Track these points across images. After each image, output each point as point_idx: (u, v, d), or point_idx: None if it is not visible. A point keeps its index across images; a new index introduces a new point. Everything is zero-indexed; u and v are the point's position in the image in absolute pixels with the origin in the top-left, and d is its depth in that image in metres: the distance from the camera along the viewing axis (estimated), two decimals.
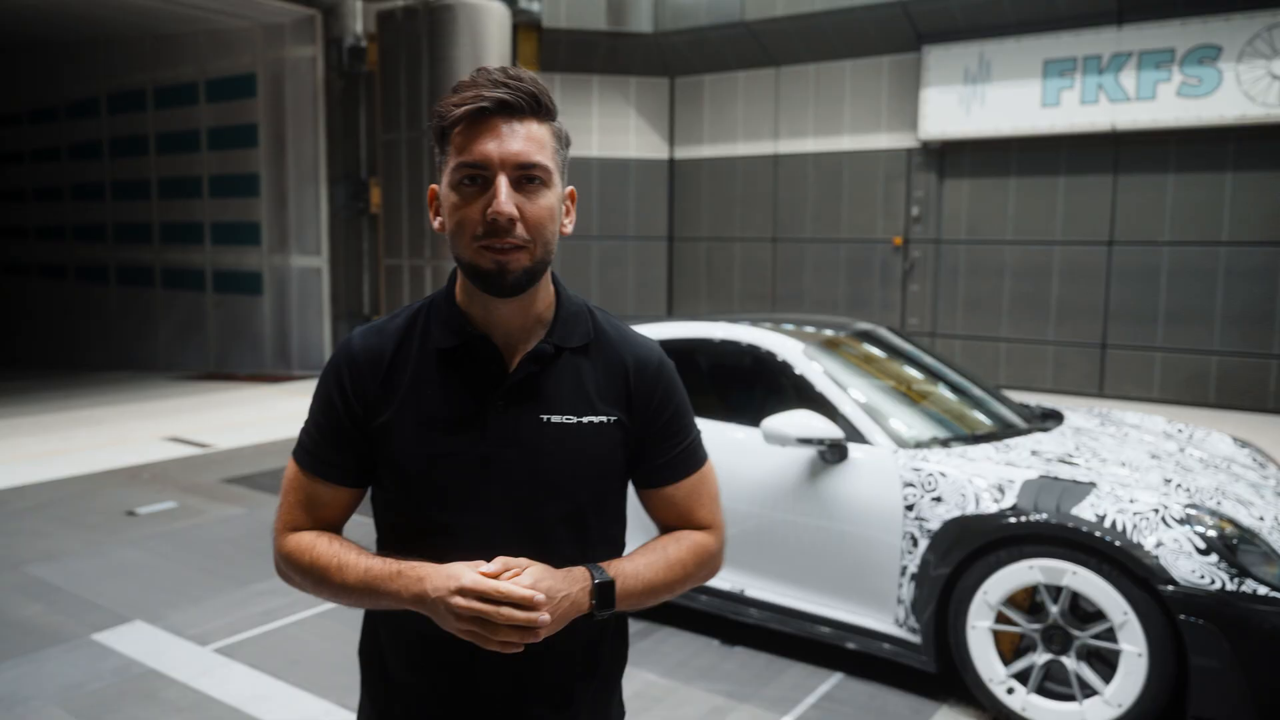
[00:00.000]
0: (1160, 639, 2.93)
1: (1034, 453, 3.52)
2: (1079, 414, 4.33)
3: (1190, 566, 2.90)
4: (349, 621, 4.06)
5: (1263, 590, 2.86)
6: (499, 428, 1.31)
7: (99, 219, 13.41)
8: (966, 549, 3.23)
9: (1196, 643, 2.87)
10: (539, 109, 1.28)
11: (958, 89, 10.12)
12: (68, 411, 9.27)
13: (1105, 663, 3.08)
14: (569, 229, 1.35)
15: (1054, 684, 3.18)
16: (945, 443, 3.65)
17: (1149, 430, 4.12)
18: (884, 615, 3.49)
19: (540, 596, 1.20)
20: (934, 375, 4.40)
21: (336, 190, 10.77)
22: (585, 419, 1.35)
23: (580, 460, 1.35)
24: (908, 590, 3.40)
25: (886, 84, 10.74)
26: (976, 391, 4.36)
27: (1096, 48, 9.29)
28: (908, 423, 3.76)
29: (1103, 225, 9.62)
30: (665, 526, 1.47)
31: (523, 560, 1.25)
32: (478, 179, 1.25)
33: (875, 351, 4.42)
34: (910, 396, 4.14)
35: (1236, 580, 2.87)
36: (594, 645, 1.40)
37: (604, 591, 1.30)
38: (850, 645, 3.58)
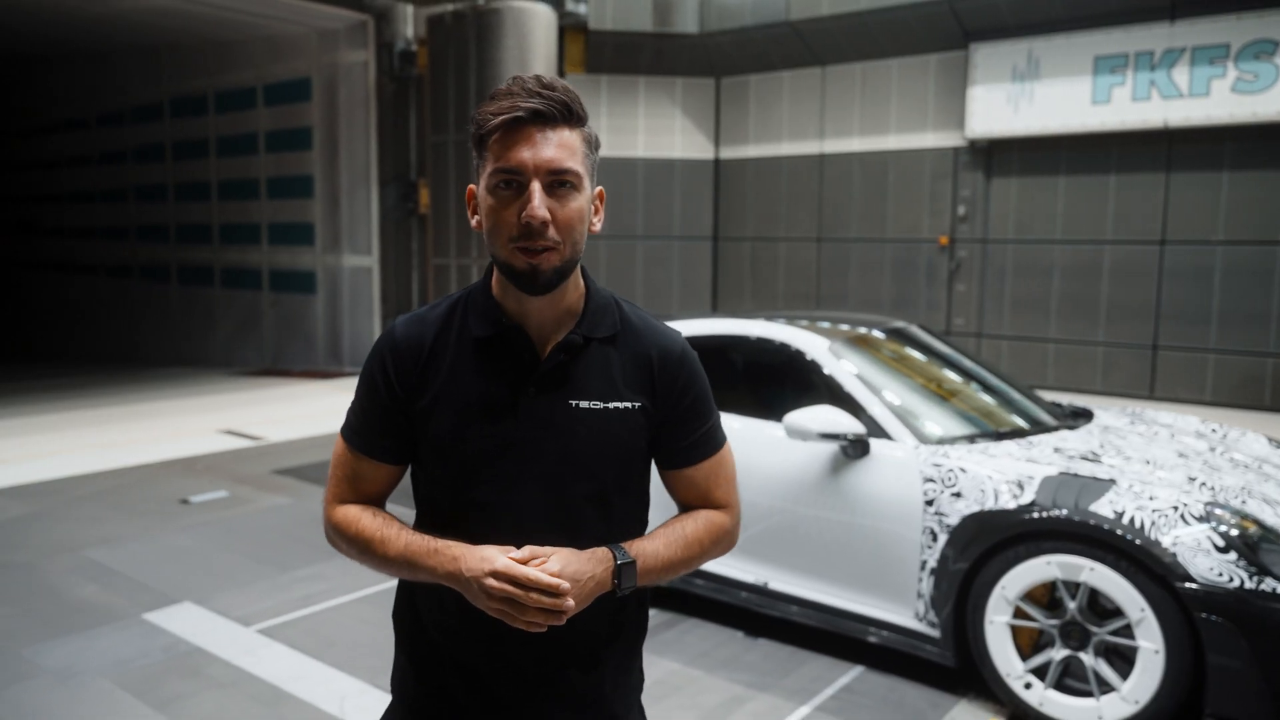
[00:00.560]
0: (1177, 636, 2.92)
1: (1057, 450, 3.53)
2: (1110, 413, 4.30)
3: (1209, 564, 2.89)
4: (384, 606, 4.20)
5: None
6: (531, 412, 1.41)
7: (162, 220, 13.87)
8: (985, 544, 3.25)
9: (1214, 640, 2.86)
10: (570, 117, 1.36)
11: (1006, 87, 10.01)
12: (128, 405, 9.63)
13: (1124, 659, 3.08)
14: (598, 227, 1.43)
15: (1073, 680, 3.18)
16: (969, 439, 3.66)
17: (1181, 430, 4.08)
18: (904, 609, 3.52)
19: (566, 585, 1.30)
20: (964, 373, 4.40)
21: (387, 191, 11.02)
22: (612, 405, 1.43)
23: (606, 443, 1.43)
24: (927, 585, 3.42)
25: (933, 82, 10.66)
26: (1007, 389, 4.35)
27: (1148, 43, 9.12)
28: (931, 419, 3.79)
29: (1155, 224, 9.45)
30: (685, 505, 1.56)
31: (548, 549, 1.35)
32: (513, 183, 1.34)
33: (906, 349, 4.44)
34: (938, 394, 4.15)
35: (1256, 578, 2.85)
36: (617, 616, 1.49)
37: (626, 571, 1.39)
38: (872, 639, 3.61)
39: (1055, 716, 3.14)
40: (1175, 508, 3.01)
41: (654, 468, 1.56)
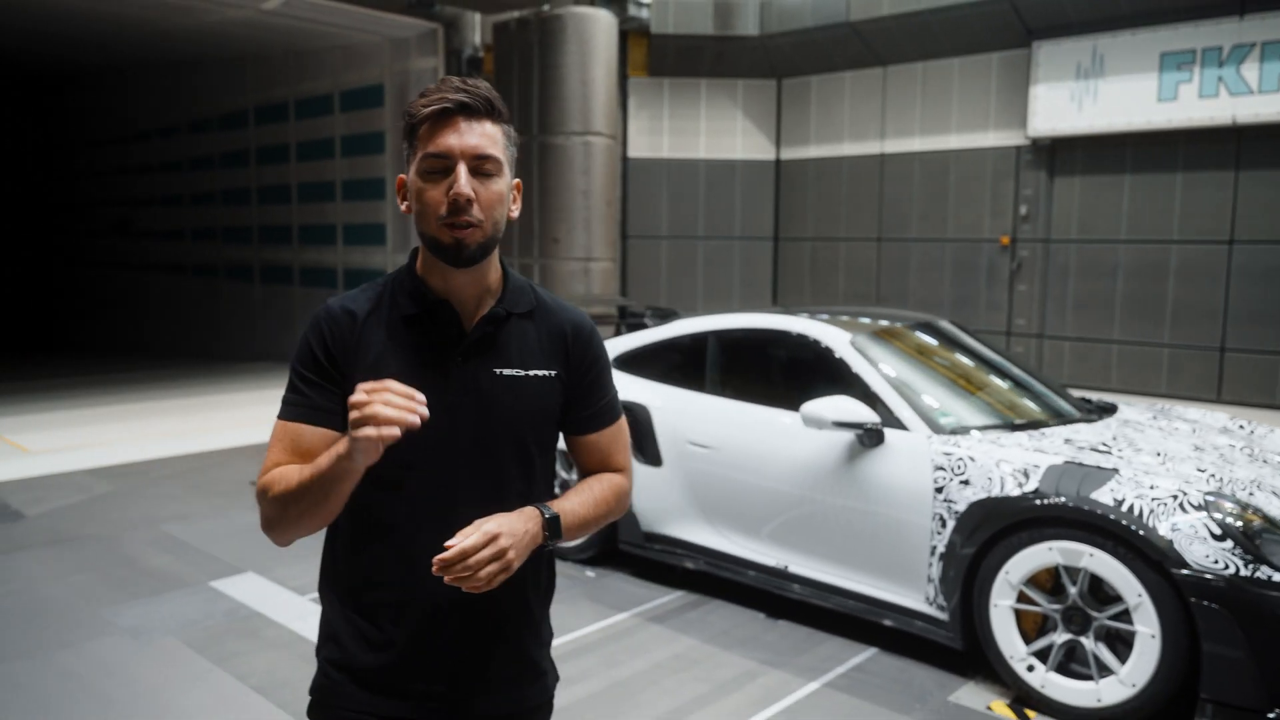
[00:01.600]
0: (1173, 622, 2.99)
1: (1067, 441, 3.60)
2: (1134, 408, 4.33)
3: (1204, 551, 2.95)
4: None
5: (1278, 577, 2.89)
6: (460, 379, 1.53)
7: (246, 222, 14.56)
8: (990, 530, 3.36)
9: (1208, 626, 2.92)
10: (493, 111, 1.50)
11: (1069, 84, 9.89)
12: (210, 396, 10.19)
13: (1124, 644, 3.15)
14: (515, 214, 1.57)
15: (1077, 665, 3.26)
16: (982, 430, 3.76)
17: (1206, 425, 4.10)
18: (915, 593, 3.64)
19: (491, 531, 1.40)
20: (991, 367, 4.48)
21: None
22: (532, 372, 1.57)
23: (528, 406, 1.57)
24: (937, 569, 3.54)
25: (995, 81, 10.59)
26: (1032, 383, 4.42)
27: (1216, 39, 8.93)
28: (947, 410, 3.89)
29: (1223, 223, 9.24)
30: (586, 470, 1.70)
31: (482, 519, 1.43)
32: (441, 167, 1.47)
33: (934, 343, 4.54)
34: (961, 386, 4.24)
35: (1251, 566, 2.91)
36: (536, 566, 1.60)
37: (553, 525, 1.52)
38: (887, 622, 3.74)
39: (1056, 698, 3.23)
40: (1174, 496, 3.08)
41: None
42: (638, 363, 4.77)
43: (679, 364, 4.62)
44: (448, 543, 1.39)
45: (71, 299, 18.49)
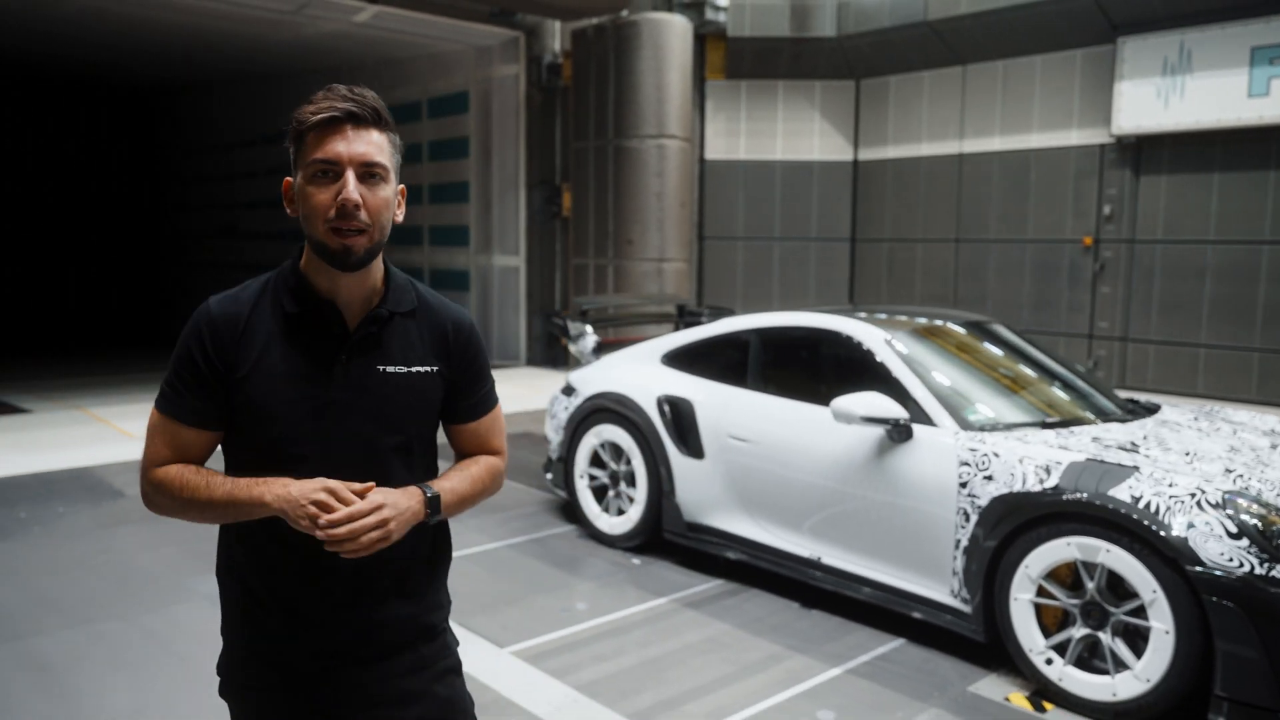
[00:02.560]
0: (1187, 618, 3.01)
1: (1095, 439, 3.62)
2: (1178, 409, 4.30)
3: (1219, 549, 2.97)
4: (482, 563, 4.73)
5: None
6: (344, 377, 1.59)
7: None
8: (1011, 525, 3.42)
9: (1222, 623, 2.94)
10: (380, 120, 1.56)
11: (1155, 81, 9.63)
12: None
13: (1142, 639, 3.18)
14: (400, 217, 1.64)
15: (1097, 660, 3.30)
16: (1009, 427, 3.80)
17: (1251, 428, 4.04)
18: (941, 586, 3.72)
19: (376, 501, 1.51)
20: (1036, 366, 4.50)
21: (533, 195, 11.75)
22: (414, 369, 1.65)
23: (410, 402, 1.65)
24: (960, 563, 3.61)
25: (1079, 78, 10.37)
26: (1077, 383, 4.43)
27: None
28: (978, 407, 3.95)
29: None
30: (464, 454, 1.81)
31: (369, 485, 1.53)
32: (329, 173, 1.52)
33: (979, 343, 4.58)
34: (999, 385, 4.27)
35: (1266, 565, 2.91)
36: (419, 541, 1.69)
37: (434, 503, 1.62)
38: (915, 615, 3.82)
39: (1073, 691, 3.28)
40: (1192, 494, 3.09)
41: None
42: (683, 359, 4.93)
43: (722, 361, 4.77)
44: (339, 487, 1.50)
45: (178, 298, 19.58)
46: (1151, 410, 4.27)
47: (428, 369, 1.67)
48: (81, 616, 4.04)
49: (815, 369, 4.56)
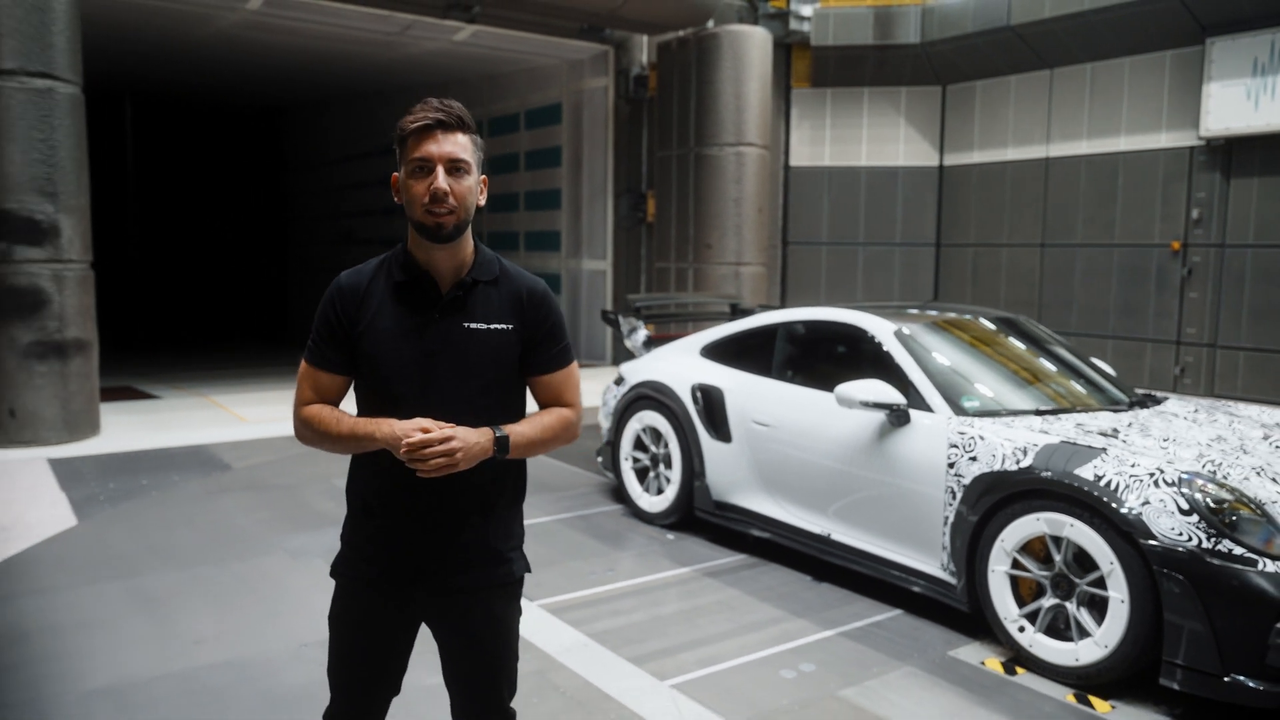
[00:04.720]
0: (1140, 588, 3.22)
1: (1078, 425, 3.84)
2: (1183, 402, 4.43)
3: (1170, 524, 3.17)
4: (532, 534, 5.20)
5: (1239, 550, 3.07)
6: (435, 332, 1.98)
7: None
8: (989, 502, 3.68)
9: (1169, 593, 3.14)
10: (463, 125, 1.94)
11: (1246, 81, 9.44)
12: None
13: (1103, 609, 3.39)
14: (483, 201, 2.00)
15: (1067, 628, 3.52)
16: (1006, 414, 4.04)
17: (1252, 421, 4.16)
18: (933, 560, 3.99)
19: (457, 442, 1.87)
20: (1055, 360, 4.70)
21: (620, 202, 12.27)
22: (493, 325, 2.00)
23: (489, 352, 2.00)
24: (948, 538, 3.88)
25: (1168, 80, 10.22)
26: (1094, 376, 4.61)
27: None
28: (975, 394, 4.19)
29: None
30: (542, 404, 2.13)
31: (452, 425, 1.90)
32: (424, 168, 1.92)
33: (999, 336, 4.80)
34: (1008, 375, 4.49)
35: (1213, 540, 3.11)
36: (500, 477, 2.05)
37: (502, 442, 1.95)
38: (915, 588, 4.10)
39: (1042, 657, 3.52)
40: (1151, 474, 3.30)
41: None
42: (719, 351, 5.31)
43: (751, 352, 5.12)
44: (430, 424, 1.89)
45: (302, 301, 20.97)
46: (1154, 401, 4.42)
47: (505, 326, 2.01)
48: (183, 562, 4.71)
49: (831, 359, 4.87)
